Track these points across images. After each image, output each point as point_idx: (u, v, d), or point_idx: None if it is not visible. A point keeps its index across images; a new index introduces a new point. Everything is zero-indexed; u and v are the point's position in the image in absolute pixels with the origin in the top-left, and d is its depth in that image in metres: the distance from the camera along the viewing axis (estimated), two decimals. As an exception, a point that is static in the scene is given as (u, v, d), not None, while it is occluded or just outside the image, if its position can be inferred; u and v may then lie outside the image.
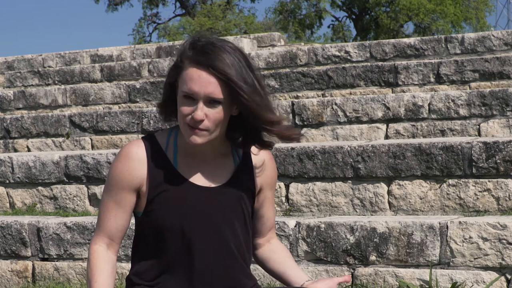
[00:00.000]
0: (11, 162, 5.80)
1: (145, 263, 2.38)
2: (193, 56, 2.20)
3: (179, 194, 2.31)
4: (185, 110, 2.21)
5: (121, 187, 2.32)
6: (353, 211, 4.80)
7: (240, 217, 2.36)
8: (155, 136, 2.37)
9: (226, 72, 2.17)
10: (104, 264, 2.33)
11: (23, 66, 11.79)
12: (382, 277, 4.17)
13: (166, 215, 2.32)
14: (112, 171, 2.34)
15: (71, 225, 4.86)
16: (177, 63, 2.24)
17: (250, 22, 35.11)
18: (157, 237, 2.35)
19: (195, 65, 2.19)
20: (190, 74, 2.19)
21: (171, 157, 2.33)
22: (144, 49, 11.70)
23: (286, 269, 2.46)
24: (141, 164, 2.31)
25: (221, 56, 2.18)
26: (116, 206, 2.33)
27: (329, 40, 37.91)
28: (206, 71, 2.18)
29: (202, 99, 2.19)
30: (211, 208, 2.33)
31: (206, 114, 2.20)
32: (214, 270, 2.34)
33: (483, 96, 6.33)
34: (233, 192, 2.35)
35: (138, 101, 8.79)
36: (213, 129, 2.23)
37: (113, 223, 2.34)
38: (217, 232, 2.33)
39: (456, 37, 8.54)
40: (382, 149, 4.74)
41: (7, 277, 4.99)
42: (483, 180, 4.52)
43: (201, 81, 2.18)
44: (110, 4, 37.18)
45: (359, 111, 6.67)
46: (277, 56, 9.29)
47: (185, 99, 2.21)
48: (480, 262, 4.03)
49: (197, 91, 2.18)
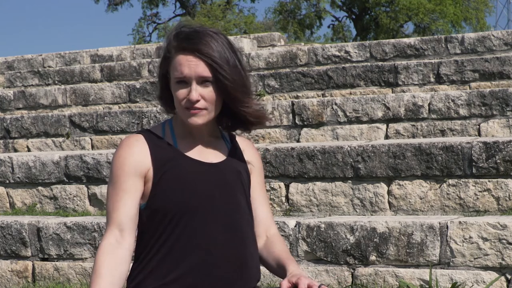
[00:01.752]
0: (11, 162, 5.80)
1: (153, 261, 2.35)
2: (179, 45, 2.33)
3: (185, 171, 2.36)
4: (180, 95, 2.33)
5: (128, 173, 2.34)
6: (353, 211, 4.80)
7: (242, 191, 2.43)
8: (150, 129, 2.46)
9: (210, 54, 2.30)
10: (111, 260, 2.28)
11: (23, 66, 11.79)
12: (382, 277, 4.17)
13: (172, 193, 2.33)
14: (115, 162, 2.36)
15: (71, 225, 4.86)
16: (166, 55, 2.37)
17: (250, 22, 35.12)
18: (163, 222, 2.33)
19: (182, 51, 2.32)
20: (179, 60, 2.32)
21: (171, 140, 2.41)
22: (144, 49, 11.70)
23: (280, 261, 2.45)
24: (144, 148, 2.37)
25: (204, 40, 2.31)
26: (124, 193, 2.32)
27: (329, 40, 37.91)
28: (193, 55, 2.31)
29: (194, 80, 2.31)
30: (217, 182, 2.38)
31: (201, 94, 2.32)
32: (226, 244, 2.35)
33: (483, 96, 6.33)
34: (233, 168, 2.43)
35: (138, 101, 8.79)
36: (211, 108, 2.34)
37: (123, 211, 2.31)
38: (224, 205, 2.36)
39: (456, 37, 8.54)
40: (382, 149, 4.74)
41: (7, 277, 4.99)
42: (483, 180, 4.52)
43: (190, 64, 2.31)
44: (110, 4, 37.18)
45: (359, 111, 6.67)
46: (277, 56, 9.28)
47: (179, 84, 2.33)
48: (480, 262, 4.03)
49: (188, 73, 2.31)
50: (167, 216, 2.34)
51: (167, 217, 2.34)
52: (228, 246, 2.35)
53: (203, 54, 2.30)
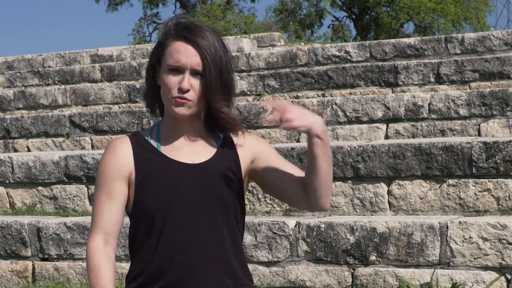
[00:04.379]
0: (11, 162, 5.80)
1: (141, 261, 2.38)
2: (178, 32, 2.35)
3: (165, 172, 2.36)
4: (171, 83, 2.33)
5: (111, 177, 2.36)
6: (353, 211, 4.80)
7: (227, 190, 2.40)
8: (139, 131, 2.49)
9: (207, 49, 2.32)
10: (105, 260, 2.32)
11: (23, 66, 11.79)
12: (382, 277, 4.17)
13: (154, 195, 2.34)
14: (100, 166, 2.40)
15: (71, 225, 4.86)
16: (161, 41, 2.38)
17: (250, 22, 35.12)
18: (148, 224, 2.35)
19: (181, 39, 2.33)
20: (176, 47, 2.33)
21: (155, 143, 2.42)
22: (144, 49, 11.70)
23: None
24: (127, 152, 2.39)
25: (204, 33, 2.34)
26: (108, 198, 2.36)
27: (329, 40, 37.91)
28: (191, 45, 2.33)
29: (188, 69, 2.32)
30: (197, 183, 2.37)
31: (192, 85, 2.33)
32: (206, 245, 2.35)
33: (483, 96, 6.33)
34: (218, 167, 2.40)
35: (138, 101, 8.78)
36: (197, 101, 2.34)
37: (107, 216, 2.35)
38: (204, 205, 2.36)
39: (456, 37, 8.54)
40: (382, 149, 4.74)
41: (7, 277, 4.99)
42: (483, 180, 4.52)
43: (187, 53, 2.32)
44: (110, 4, 37.18)
45: (359, 111, 6.67)
46: (277, 56, 9.28)
47: (170, 72, 2.33)
48: (480, 262, 4.03)
49: (184, 62, 2.32)
50: (150, 219, 2.36)
51: (150, 220, 2.36)
52: (208, 248, 2.35)
53: (200, 47, 2.32)
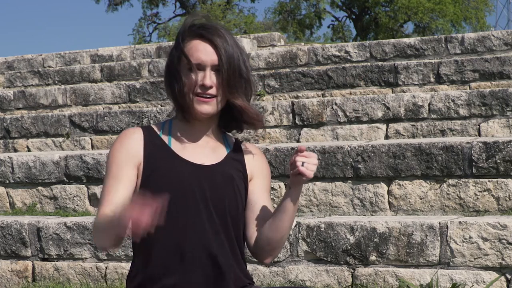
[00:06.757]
0: (11, 162, 5.80)
1: (142, 261, 2.38)
2: (195, 32, 2.39)
3: (173, 170, 2.37)
4: (192, 80, 2.36)
5: (120, 163, 2.37)
6: (353, 211, 4.80)
7: (232, 195, 2.41)
8: (151, 125, 2.49)
9: (224, 46, 2.36)
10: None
11: (23, 66, 11.78)
12: (382, 277, 4.17)
13: (159, 191, 2.32)
14: (110, 153, 2.41)
15: (71, 225, 4.86)
16: (178, 44, 2.41)
17: (250, 22, 35.12)
18: None
19: (198, 37, 2.38)
20: (195, 46, 2.37)
21: (166, 139, 2.43)
22: (144, 49, 11.69)
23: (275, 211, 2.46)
24: (138, 142, 2.40)
25: (220, 32, 2.38)
26: (116, 181, 2.36)
27: (329, 40, 37.90)
28: (209, 43, 2.37)
29: (209, 66, 2.36)
30: (203, 184, 2.37)
31: (213, 81, 2.36)
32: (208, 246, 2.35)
33: (483, 96, 6.33)
34: (225, 172, 2.42)
35: (138, 101, 8.78)
36: (220, 97, 2.37)
37: (115, 195, 2.34)
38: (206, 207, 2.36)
39: (456, 37, 8.53)
40: (382, 149, 4.74)
41: (7, 277, 4.99)
42: (483, 180, 4.52)
43: (206, 50, 2.36)
44: (110, 4, 37.17)
45: (359, 111, 6.67)
46: (277, 56, 9.28)
47: (190, 70, 2.37)
48: (480, 262, 4.03)
49: (204, 59, 2.36)
50: None
51: None
52: (208, 248, 2.35)
53: (218, 44, 2.36)
